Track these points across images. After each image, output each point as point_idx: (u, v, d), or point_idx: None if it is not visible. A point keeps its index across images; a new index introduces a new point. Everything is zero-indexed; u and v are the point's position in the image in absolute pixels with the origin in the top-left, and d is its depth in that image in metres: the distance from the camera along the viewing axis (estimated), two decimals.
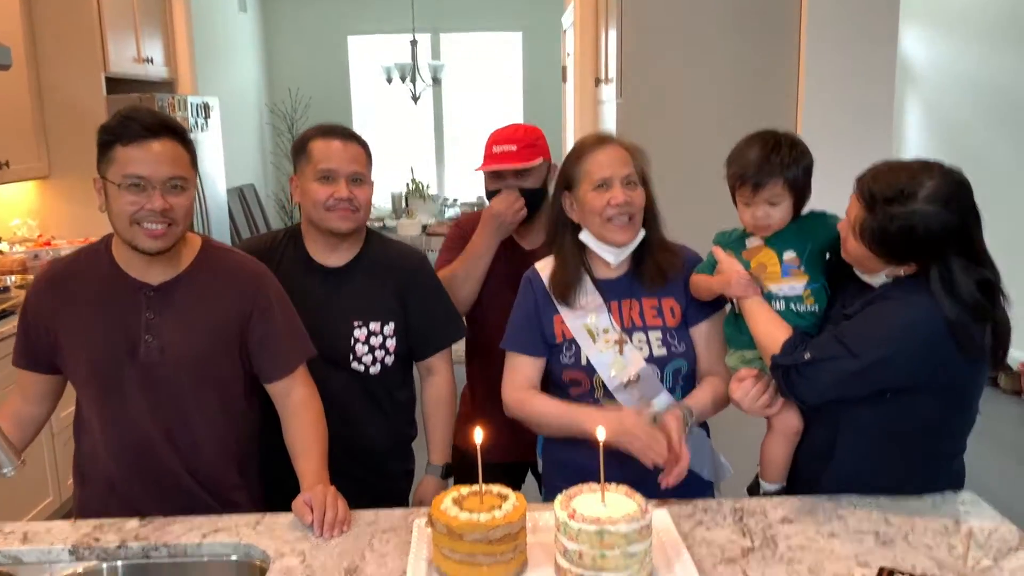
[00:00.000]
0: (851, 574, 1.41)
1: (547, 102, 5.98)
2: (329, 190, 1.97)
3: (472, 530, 1.35)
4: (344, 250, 2.07)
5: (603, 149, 1.86)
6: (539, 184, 2.31)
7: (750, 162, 1.72)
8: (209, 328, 1.76)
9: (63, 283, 1.75)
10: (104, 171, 1.67)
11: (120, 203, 1.64)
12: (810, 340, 1.66)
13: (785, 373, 1.64)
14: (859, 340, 1.58)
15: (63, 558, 1.57)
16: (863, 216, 1.56)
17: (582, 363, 1.85)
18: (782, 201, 1.73)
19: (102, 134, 1.67)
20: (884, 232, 1.53)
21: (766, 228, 1.76)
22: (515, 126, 2.37)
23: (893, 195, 1.52)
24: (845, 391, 1.62)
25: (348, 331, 2.03)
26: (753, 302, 1.75)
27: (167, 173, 1.65)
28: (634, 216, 1.83)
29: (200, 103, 5.10)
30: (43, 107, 4.20)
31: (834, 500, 1.68)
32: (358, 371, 2.04)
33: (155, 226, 1.65)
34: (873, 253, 1.57)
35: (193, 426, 1.77)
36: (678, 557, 1.43)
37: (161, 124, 1.67)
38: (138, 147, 1.63)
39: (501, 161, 2.26)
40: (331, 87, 8.26)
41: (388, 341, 2.06)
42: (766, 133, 1.77)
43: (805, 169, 1.74)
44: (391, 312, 2.06)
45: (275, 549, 1.55)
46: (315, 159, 1.99)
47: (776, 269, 1.76)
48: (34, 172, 4.16)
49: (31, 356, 1.78)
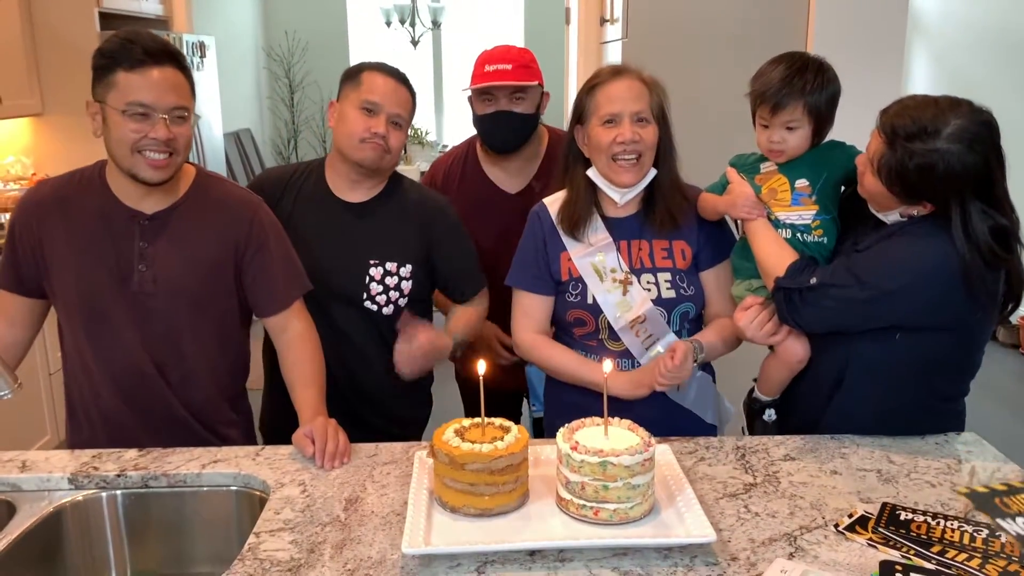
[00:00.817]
0: (854, 509, 1.41)
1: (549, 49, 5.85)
2: (368, 123, 1.91)
3: (474, 460, 1.34)
4: (366, 187, 2.01)
5: (616, 82, 1.79)
6: (532, 109, 2.22)
7: (772, 81, 1.68)
8: (203, 258, 1.73)
9: (53, 205, 1.71)
10: (102, 96, 1.61)
11: (123, 130, 1.60)
12: (817, 266, 1.64)
13: (787, 296, 1.62)
14: (869, 271, 1.56)
15: (62, 486, 1.57)
16: (882, 151, 1.52)
17: (588, 302, 1.82)
18: (800, 127, 1.69)
19: (100, 57, 1.61)
20: (902, 169, 1.49)
21: (780, 153, 1.73)
22: (507, 46, 2.26)
23: (915, 131, 1.47)
24: (847, 321, 1.60)
25: (363, 269, 1.98)
26: (759, 224, 1.73)
27: (171, 102, 1.61)
28: (643, 155, 1.77)
29: (196, 41, 5.00)
30: (36, 43, 4.10)
31: (837, 439, 1.68)
32: (370, 310, 2.00)
33: (157, 155, 1.61)
34: (889, 191, 1.53)
35: (186, 358, 1.75)
36: (680, 491, 1.42)
37: (163, 49, 1.62)
38: (141, 73, 1.58)
39: (495, 78, 2.16)
40: (328, 31, 8.08)
41: (404, 283, 2.01)
42: (795, 54, 1.72)
43: (830, 97, 1.69)
44: (410, 253, 2.01)
45: (275, 480, 1.54)
46: (363, 88, 1.93)
47: (786, 196, 1.73)
48: (27, 109, 4.08)
49: (17, 278, 1.74)
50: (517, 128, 2.22)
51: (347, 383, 1.97)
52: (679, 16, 3.15)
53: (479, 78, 2.20)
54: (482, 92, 2.19)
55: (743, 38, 3.10)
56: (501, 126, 2.21)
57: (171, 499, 1.58)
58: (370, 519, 1.40)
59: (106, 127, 1.63)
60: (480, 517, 1.37)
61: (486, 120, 2.22)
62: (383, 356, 2.02)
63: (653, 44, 3.12)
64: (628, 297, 1.80)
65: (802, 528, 1.36)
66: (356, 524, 1.39)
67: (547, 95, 2.28)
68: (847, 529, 1.35)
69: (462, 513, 1.37)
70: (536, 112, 2.24)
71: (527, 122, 2.21)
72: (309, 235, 1.91)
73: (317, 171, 2.05)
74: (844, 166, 1.71)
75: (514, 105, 2.19)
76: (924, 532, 1.32)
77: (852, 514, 1.39)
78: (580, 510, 1.35)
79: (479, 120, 2.24)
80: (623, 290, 1.80)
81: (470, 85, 2.22)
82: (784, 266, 1.65)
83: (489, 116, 2.21)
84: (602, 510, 1.34)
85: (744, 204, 1.74)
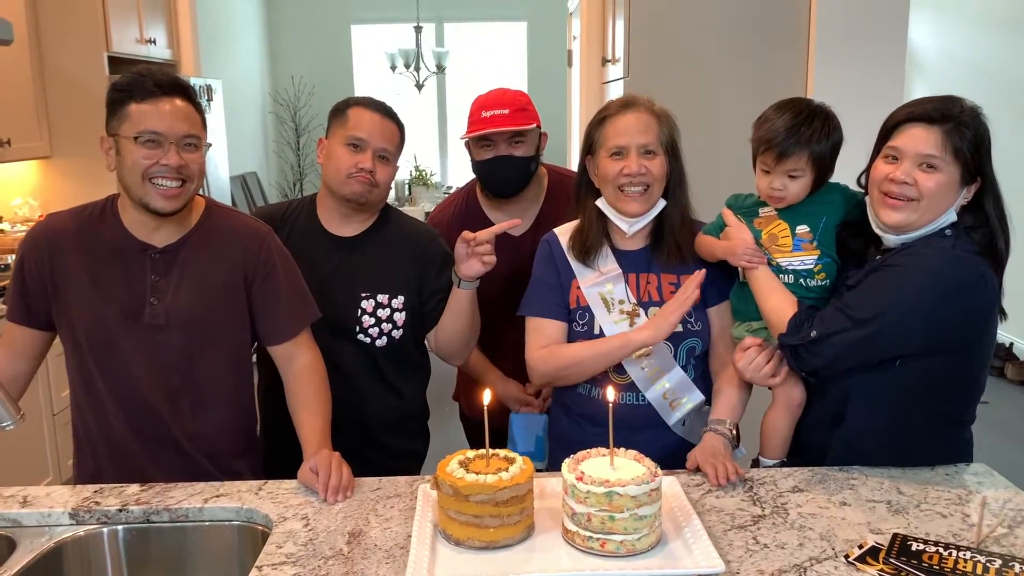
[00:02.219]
0: (864, 540, 1.39)
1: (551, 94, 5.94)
2: (355, 159, 1.94)
3: (478, 491, 1.33)
4: (357, 221, 2.03)
5: (625, 114, 1.80)
6: (532, 152, 2.20)
7: (778, 129, 1.67)
8: (214, 289, 1.73)
9: (64, 238, 1.71)
10: (115, 128, 1.64)
11: (134, 157, 1.62)
12: (816, 315, 1.63)
13: (794, 352, 1.62)
14: (862, 308, 1.56)
15: (63, 521, 1.55)
16: (941, 138, 1.53)
17: (594, 332, 1.82)
18: (803, 176, 1.69)
19: (113, 92, 1.65)
20: (976, 136, 1.54)
21: (780, 200, 1.72)
22: (503, 89, 2.24)
23: (953, 106, 1.55)
24: (855, 360, 1.60)
25: (355, 302, 1.99)
26: (760, 273, 1.72)
27: (182, 130, 1.64)
28: (650, 187, 1.77)
29: (203, 84, 5.08)
30: (45, 86, 4.16)
31: (845, 471, 1.66)
32: (363, 342, 2.00)
33: (169, 184, 1.63)
34: (966, 169, 1.55)
35: (196, 391, 1.74)
36: (688, 522, 1.40)
37: (174, 83, 1.66)
38: (152, 104, 1.62)
39: (492, 124, 2.14)
40: (334, 76, 8.21)
41: (396, 315, 2.01)
42: (800, 101, 1.72)
43: (833, 146, 1.69)
44: (402, 285, 2.01)
45: (278, 514, 1.52)
46: (350, 124, 1.96)
47: (787, 242, 1.73)
48: (35, 151, 4.13)
49: (26, 310, 1.73)
50: (518, 172, 2.19)
51: (341, 414, 1.95)
52: (680, 54, 3.18)
53: (476, 124, 2.18)
54: (481, 138, 2.17)
55: (743, 77, 3.14)
56: (501, 171, 2.19)
57: (173, 534, 1.56)
58: (373, 552, 1.38)
59: (119, 158, 1.65)
60: (485, 550, 1.35)
61: (486, 166, 2.19)
62: (376, 388, 2.02)
63: (654, 82, 3.13)
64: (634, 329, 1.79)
65: (812, 559, 1.34)
66: (359, 558, 1.37)
67: (545, 135, 2.26)
68: (858, 560, 1.33)
69: (467, 546, 1.36)
70: (536, 154, 2.22)
71: (527, 165, 2.19)
72: (304, 270, 1.91)
73: (308, 207, 2.06)
74: (843, 208, 1.72)
75: (513, 149, 2.16)
76: (936, 563, 1.30)
77: (862, 545, 1.37)
78: (586, 542, 1.33)
79: (479, 166, 2.22)
80: (630, 322, 1.80)
81: (467, 133, 2.20)
82: (785, 321, 1.64)
83: (488, 162, 2.18)
84: (609, 541, 1.32)
85: (744, 252, 1.72)
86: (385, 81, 7.97)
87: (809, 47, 3.16)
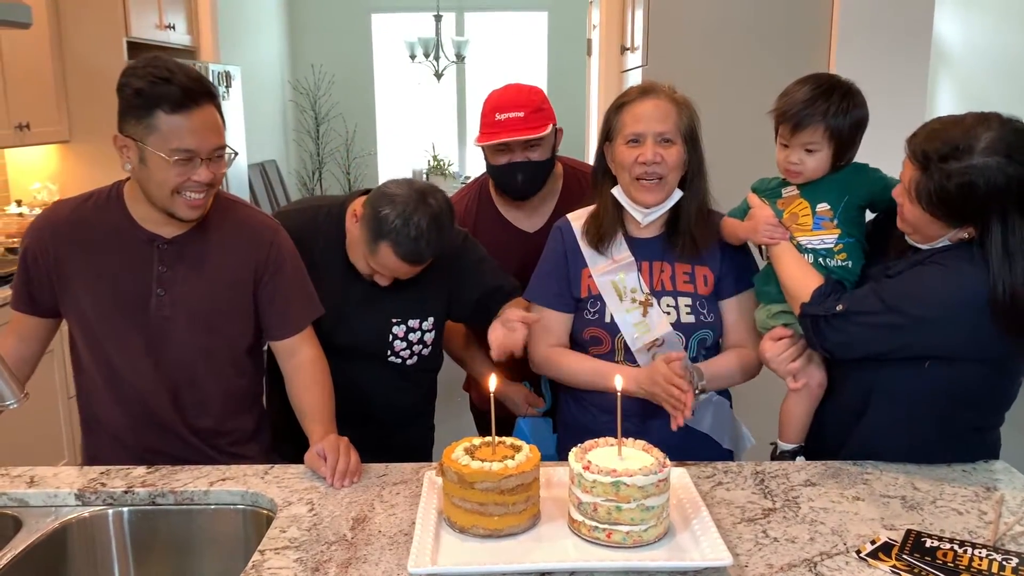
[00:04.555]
0: (876, 536, 1.36)
1: (572, 84, 5.90)
2: None
3: (483, 478, 1.31)
4: None
5: (643, 101, 1.76)
6: (548, 155, 2.14)
7: (796, 100, 1.65)
8: (223, 281, 1.72)
9: (69, 227, 1.69)
10: (139, 135, 1.55)
11: (167, 175, 1.57)
12: (843, 290, 1.60)
13: (814, 322, 1.58)
14: (899, 298, 1.51)
15: (69, 502, 1.55)
16: (918, 177, 1.45)
17: (605, 320, 1.80)
18: (819, 150, 1.66)
19: (135, 96, 1.54)
20: (943, 191, 1.42)
21: (797, 175, 1.69)
22: (516, 87, 2.16)
23: (948, 152, 1.41)
24: (875, 348, 1.56)
25: (386, 328, 1.94)
26: (783, 248, 1.69)
27: (213, 143, 1.59)
28: (665, 176, 1.74)
29: (222, 71, 5.07)
30: (64, 71, 4.18)
31: (859, 465, 1.63)
32: (394, 363, 1.98)
33: (197, 195, 1.61)
34: (933, 216, 1.46)
35: (199, 382, 1.73)
36: (696, 514, 1.38)
37: (200, 88, 1.57)
38: (184, 117, 1.54)
39: (508, 131, 2.06)
40: (354, 64, 8.19)
41: (427, 335, 1.98)
42: (822, 75, 1.69)
43: (855, 122, 1.65)
44: (433, 308, 1.97)
45: (283, 498, 1.52)
46: (380, 254, 1.78)
47: (808, 220, 1.70)
48: (55, 136, 4.15)
49: (30, 300, 1.73)
50: (534, 175, 2.14)
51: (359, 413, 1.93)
52: (699, 42, 3.14)
53: (490, 128, 2.09)
54: (496, 145, 2.10)
55: (763, 64, 3.09)
56: (518, 176, 2.12)
57: (178, 517, 1.56)
58: (377, 539, 1.37)
59: (145, 167, 1.58)
60: (489, 538, 1.33)
61: (502, 171, 2.13)
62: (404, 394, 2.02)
63: (673, 70, 3.10)
64: (647, 319, 1.77)
65: (822, 554, 1.31)
66: (363, 543, 1.35)
67: (560, 131, 2.19)
68: (869, 556, 1.30)
69: (471, 534, 1.34)
70: (552, 154, 2.16)
71: (544, 168, 2.14)
72: (334, 295, 1.86)
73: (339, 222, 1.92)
74: (867, 189, 1.68)
75: (530, 153, 2.09)
76: (950, 560, 1.27)
77: (875, 540, 1.34)
78: (592, 532, 1.31)
79: (495, 170, 2.16)
80: (643, 311, 1.77)
81: (481, 138, 2.12)
82: (809, 291, 1.60)
83: (504, 167, 2.12)
84: (615, 532, 1.30)
85: (765, 229, 1.70)
86: (404, 70, 7.96)
87: (832, 34, 3.11)
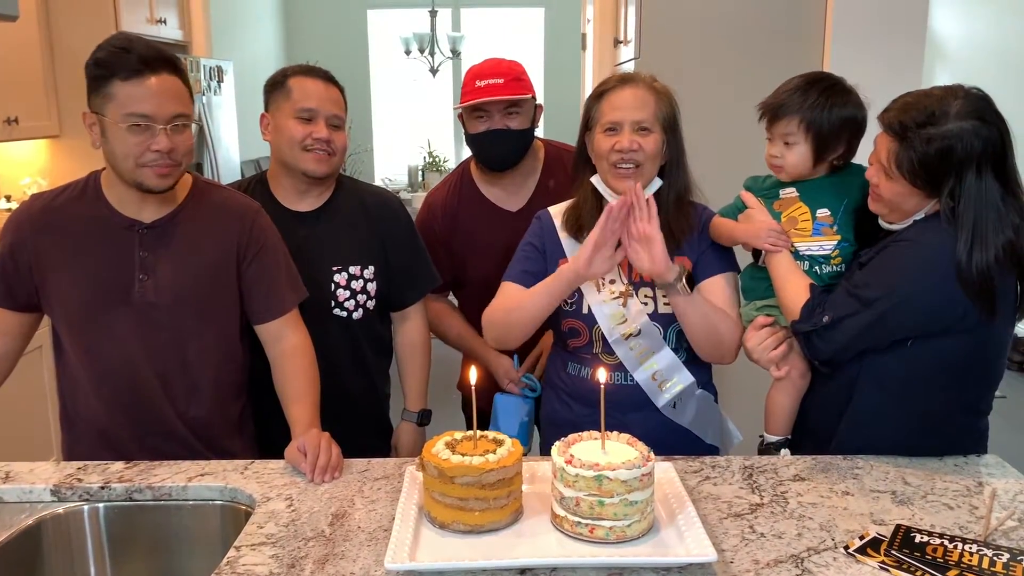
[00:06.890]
0: (866, 531, 1.33)
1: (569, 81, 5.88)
2: (307, 129, 1.90)
3: (464, 473, 1.28)
4: (315, 195, 1.99)
5: (622, 90, 1.75)
6: (527, 124, 2.15)
7: (779, 92, 1.65)
8: (205, 264, 1.70)
9: (46, 220, 1.68)
10: (99, 107, 1.58)
11: (125, 144, 1.57)
12: (827, 298, 1.58)
13: (807, 339, 1.58)
14: (869, 289, 1.51)
15: (44, 498, 1.52)
16: (896, 148, 1.47)
17: (583, 311, 1.77)
18: (797, 143, 1.64)
19: (95, 67, 1.59)
20: (924, 156, 1.45)
21: (779, 169, 1.68)
22: (497, 59, 2.19)
23: (924, 119, 1.45)
24: (867, 343, 1.55)
25: (327, 277, 1.96)
26: (782, 258, 1.66)
27: (171, 110, 1.59)
28: (643, 164, 1.72)
29: (213, 66, 5.03)
30: (54, 65, 4.13)
31: (850, 459, 1.60)
32: (340, 317, 1.97)
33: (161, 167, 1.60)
34: (914, 186, 1.48)
35: (190, 368, 1.71)
36: (682, 509, 1.35)
37: (158, 56, 1.59)
38: (138, 83, 1.56)
39: (487, 93, 2.08)
40: (349, 60, 8.13)
41: (369, 284, 1.99)
42: (817, 73, 1.70)
43: (840, 120, 1.62)
44: (370, 254, 1.99)
45: (262, 494, 1.49)
46: (295, 97, 1.91)
47: (807, 225, 1.67)
48: (44, 130, 4.11)
49: (9, 294, 1.71)
50: (513, 144, 2.14)
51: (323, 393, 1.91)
52: (692, 34, 3.11)
53: (470, 94, 2.11)
54: (474, 109, 2.11)
55: (756, 58, 3.06)
56: (496, 144, 2.13)
57: (155, 513, 1.53)
58: (356, 534, 1.34)
59: (105, 140, 1.60)
60: (470, 534, 1.30)
61: (480, 138, 2.14)
62: (355, 365, 2.00)
63: (666, 63, 3.06)
64: (625, 310, 1.75)
65: (810, 550, 1.29)
66: (341, 539, 1.33)
67: (540, 107, 2.21)
68: (858, 551, 1.27)
69: (451, 529, 1.31)
70: (531, 126, 2.17)
71: (523, 137, 2.14)
72: None
73: (260, 186, 2.01)
74: (862, 189, 1.65)
75: (509, 120, 2.11)
76: (940, 555, 1.24)
77: (864, 536, 1.32)
78: (575, 527, 1.28)
79: (472, 139, 2.16)
80: (622, 301, 1.75)
81: (461, 102, 2.14)
82: (799, 307, 1.59)
83: (482, 135, 2.13)
84: (598, 527, 1.27)
85: (768, 235, 1.66)
86: (399, 65, 7.91)
87: (826, 28, 3.07)
